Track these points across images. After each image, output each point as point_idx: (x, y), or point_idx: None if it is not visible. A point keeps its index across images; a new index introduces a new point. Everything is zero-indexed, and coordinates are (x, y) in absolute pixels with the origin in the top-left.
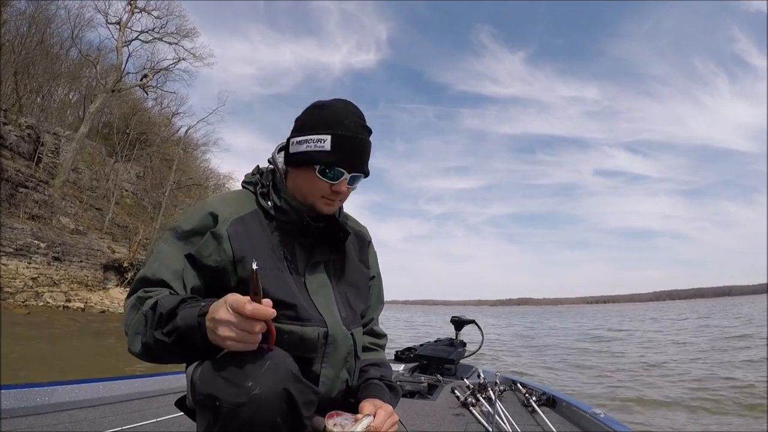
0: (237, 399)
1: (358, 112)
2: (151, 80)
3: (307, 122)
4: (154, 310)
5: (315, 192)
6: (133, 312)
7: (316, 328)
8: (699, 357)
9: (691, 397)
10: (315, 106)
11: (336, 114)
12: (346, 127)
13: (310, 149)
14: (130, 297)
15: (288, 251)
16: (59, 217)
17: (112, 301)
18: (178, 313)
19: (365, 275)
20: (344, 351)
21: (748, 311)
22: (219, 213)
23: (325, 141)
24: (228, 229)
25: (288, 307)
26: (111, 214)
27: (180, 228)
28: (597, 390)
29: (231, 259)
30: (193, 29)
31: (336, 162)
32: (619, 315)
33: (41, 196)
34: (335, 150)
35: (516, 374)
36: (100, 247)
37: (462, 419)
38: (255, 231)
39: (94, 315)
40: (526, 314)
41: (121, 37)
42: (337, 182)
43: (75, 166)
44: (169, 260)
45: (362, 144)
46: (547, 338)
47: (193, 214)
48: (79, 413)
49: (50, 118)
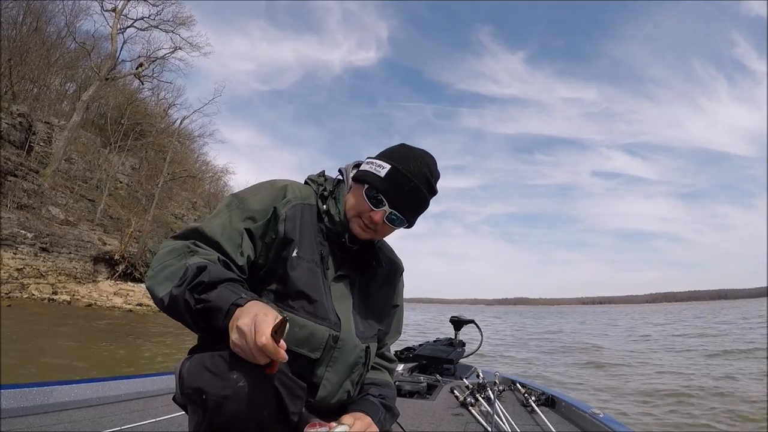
0: (222, 391)
1: (433, 168)
2: (147, 69)
3: (385, 152)
4: (199, 270)
5: (356, 209)
6: (175, 257)
7: (329, 329)
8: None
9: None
10: (401, 144)
11: (408, 155)
12: (409, 168)
13: (369, 170)
14: (177, 239)
15: (325, 254)
16: (49, 208)
17: (101, 294)
18: (218, 288)
19: (390, 302)
20: (352, 360)
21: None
22: (287, 193)
23: (384, 169)
24: (287, 211)
25: (309, 300)
26: (103, 205)
27: (247, 201)
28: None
29: (282, 238)
30: (190, 17)
31: (383, 191)
32: (610, 317)
33: (31, 185)
34: (387, 180)
35: (517, 375)
36: (90, 239)
37: (461, 419)
38: (307, 222)
39: (79, 309)
40: (523, 313)
41: (115, 24)
42: (376, 210)
43: (68, 156)
44: (230, 227)
45: (415, 190)
46: (545, 341)
47: (264, 192)
48: (78, 413)
49: (44, 108)
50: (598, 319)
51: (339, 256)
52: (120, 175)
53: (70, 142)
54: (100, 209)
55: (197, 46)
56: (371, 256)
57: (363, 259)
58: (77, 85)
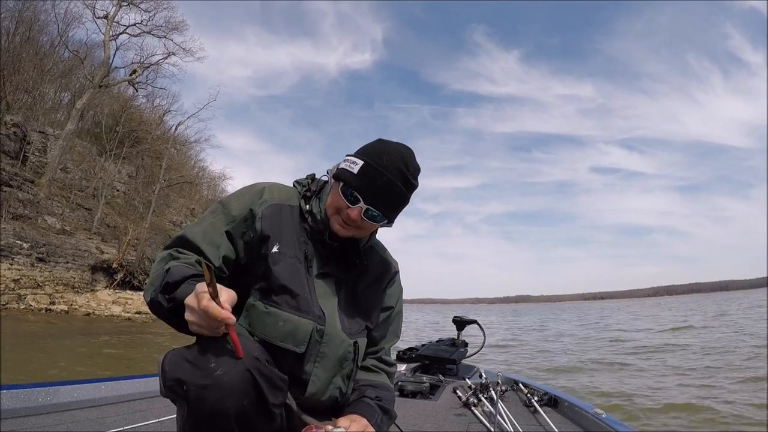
0: (201, 381)
1: (409, 161)
2: (140, 76)
3: (360, 148)
4: (166, 273)
5: (333, 206)
6: (159, 265)
7: (313, 323)
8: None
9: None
10: (377, 139)
11: (382, 149)
12: (383, 163)
13: (345, 167)
14: (166, 249)
15: (308, 252)
16: (45, 217)
17: (99, 303)
18: (182, 285)
19: (379, 301)
20: (340, 354)
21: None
22: (265, 195)
23: (357, 165)
24: (263, 210)
25: (292, 295)
26: (100, 213)
27: (229, 206)
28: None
29: (259, 235)
30: (183, 22)
31: (357, 187)
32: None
33: (26, 195)
34: (360, 176)
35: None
36: (87, 248)
37: (464, 419)
38: (286, 220)
39: (78, 318)
40: (526, 312)
41: (107, 31)
42: (352, 207)
43: (64, 165)
44: (210, 231)
45: (389, 184)
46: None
47: (244, 195)
48: (81, 413)
49: (39, 118)
50: (614, 315)
51: (324, 254)
52: (117, 183)
53: (65, 150)
54: (96, 218)
55: (191, 51)
56: (355, 254)
57: (348, 258)
58: (72, 94)
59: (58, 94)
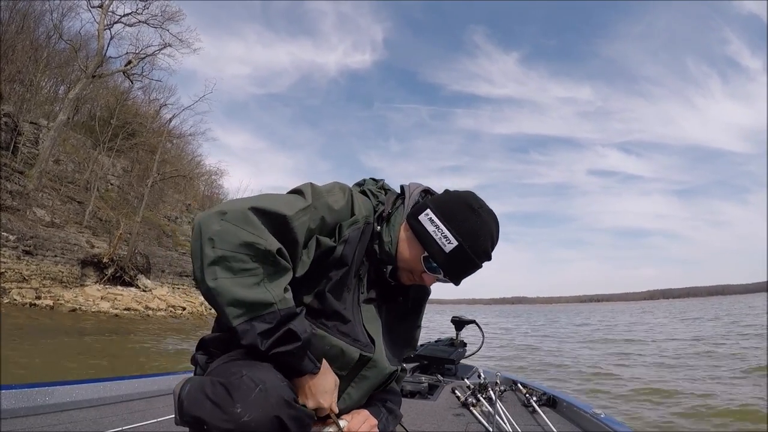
0: (225, 425)
1: (496, 239)
2: (136, 67)
3: (452, 211)
4: (289, 319)
5: (408, 263)
6: (253, 260)
7: (359, 351)
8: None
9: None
10: (470, 205)
11: (478, 231)
12: (475, 246)
13: (434, 236)
14: (258, 223)
15: (362, 273)
16: (34, 209)
17: (87, 299)
18: (305, 339)
19: (415, 325)
20: (379, 381)
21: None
22: (355, 210)
23: (449, 243)
24: (351, 233)
25: (343, 321)
26: (92, 206)
27: (323, 201)
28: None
29: (338, 258)
30: (179, 11)
31: (442, 265)
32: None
33: (15, 186)
34: (451, 258)
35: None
36: (77, 242)
37: (462, 419)
38: (362, 244)
39: (62, 314)
40: (523, 313)
41: (102, 20)
42: (430, 274)
43: (57, 157)
44: (306, 232)
45: (474, 268)
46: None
47: (339, 202)
48: (79, 413)
49: (33, 109)
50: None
51: (373, 278)
52: (111, 177)
53: (57, 142)
54: (88, 211)
55: (187, 42)
56: (401, 292)
57: (394, 291)
58: (67, 85)
59: (54, 87)
